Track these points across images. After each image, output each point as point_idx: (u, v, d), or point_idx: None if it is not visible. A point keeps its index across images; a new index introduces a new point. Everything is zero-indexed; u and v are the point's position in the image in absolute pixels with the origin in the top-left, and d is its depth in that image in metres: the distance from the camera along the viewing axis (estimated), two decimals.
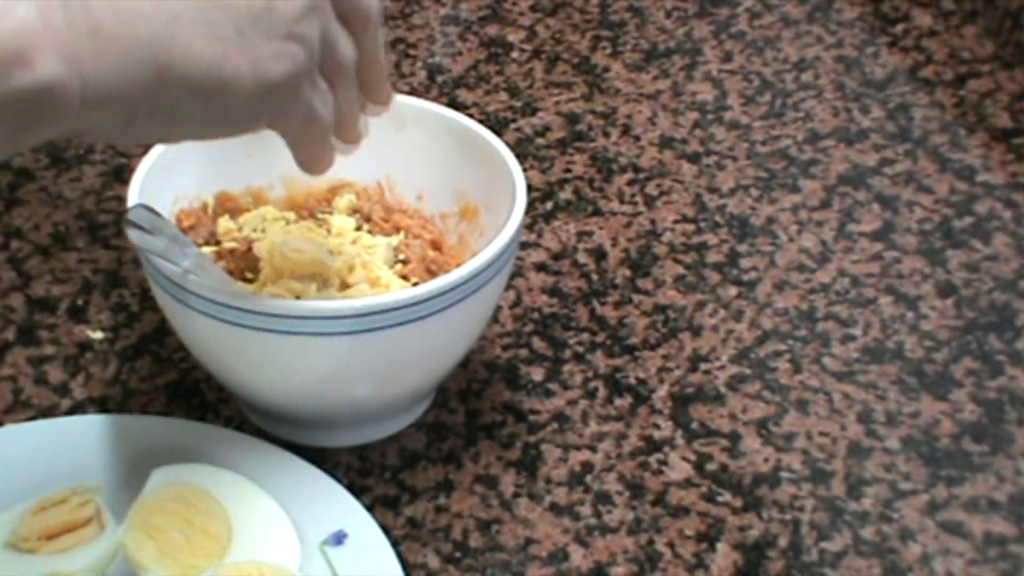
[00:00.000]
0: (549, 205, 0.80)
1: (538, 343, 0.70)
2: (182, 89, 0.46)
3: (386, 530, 0.58)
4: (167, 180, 0.63)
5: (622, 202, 0.80)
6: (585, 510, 0.62)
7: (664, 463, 0.64)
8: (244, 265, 0.64)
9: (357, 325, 0.56)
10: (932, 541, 0.61)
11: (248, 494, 0.58)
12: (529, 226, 0.78)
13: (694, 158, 0.83)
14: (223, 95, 0.47)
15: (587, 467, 0.64)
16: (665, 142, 0.85)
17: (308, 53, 0.50)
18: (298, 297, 0.62)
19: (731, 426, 0.66)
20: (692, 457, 0.64)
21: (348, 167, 0.69)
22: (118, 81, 0.44)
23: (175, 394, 0.67)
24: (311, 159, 0.56)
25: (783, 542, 0.61)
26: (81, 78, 0.43)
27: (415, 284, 0.64)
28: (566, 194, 0.81)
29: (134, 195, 0.60)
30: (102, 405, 0.66)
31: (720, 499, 0.62)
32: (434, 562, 0.59)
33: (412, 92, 0.87)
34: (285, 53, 0.49)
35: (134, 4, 0.44)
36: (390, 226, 0.68)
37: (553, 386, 0.68)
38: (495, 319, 0.71)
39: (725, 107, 0.88)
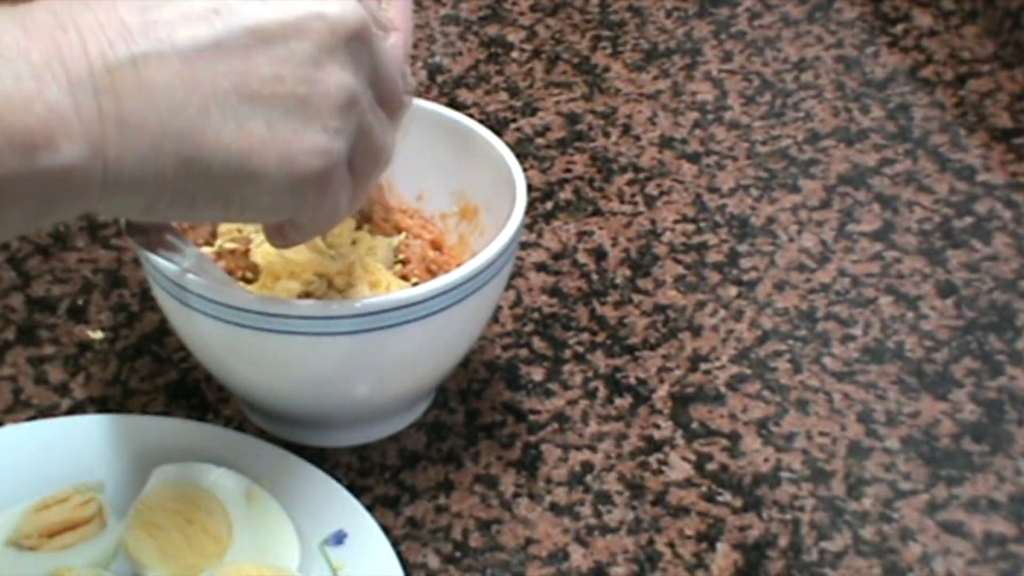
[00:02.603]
0: (549, 205, 0.80)
1: (538, 343, 0.70)
2: (206, 180, 0.45)
3: (386, 530, 0.58)
4: None
5: (622, 202, 0.80)
6: (585, 510, 0.62)
7: (664, 463, 0.64)
8: (244, 265, 0.64)
9: (357, 325, 0.56)
10: (932, 541, 0.61)
11: (248, 494, 0.58)
12: (529, 226, 0.78)
13: (694, 158, 0.83)
14: (248, 187, 0.47)
15: (587, 467, 0.64)
16: (665, 142, 0.85)
17: (341, 149, 0.48)
18: (298, 297, 0.62)
19: (731, 426, 0.66)
20: (692, 457, 0.64)
21: None
22: (142, 169, 0.44)
23: (175, 394, 0.67)
24: (295, 242, 0.54)
25: (783, 542, 0.61)
26: (104, 165, 0.43)
27: (415, 284, 0.64)
28: (566, 194, 0.81)
29: None
30: (102, 405, 0.66)
31: (720, 499, 0.62)
32: (434, 562, 0.59)
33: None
34: (317, 149, 0.47)
35: (165, 94, 0.44)
36: (390, 226, 0.68)
37: (553, 386, 0.68)
38: (495, 319, 0.71)
39: (725, 107, 0.88)
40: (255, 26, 0.46)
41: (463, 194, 0.67)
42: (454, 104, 0.86)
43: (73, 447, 0.61)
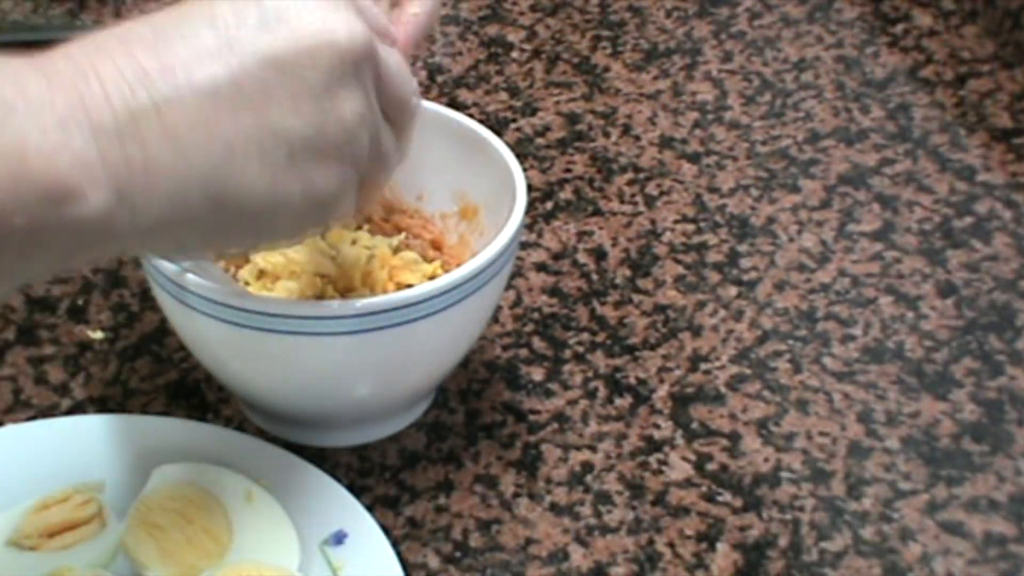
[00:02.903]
0: (549, 205, 0.80)
1: (538, 343, 0.70)
2: (235, 217, 0.46)
3: (386, 530, 0.58)
4: None
5: (622, 202, 0.80)
6: (585, 510, 0.62)
7: (664, 463, 0.64)
8: (244, 265, 0.64)
9: (357, 325, 0.56)
10: (932, 541, 0.61)
11: (248, 494, 0.58)
12: (529, 226, 0.78)
13: (694, 158, 0.83)
14: (274, 218, 0.48)
15: (587, 467, 0.64)
16: (665, 142, 0.85)
17: (356, 167, 0.50)
18: (298, 297, 0.62)
19: (731, 426, 0.66)
20: (692, 457, 0.64)
21: None
22: (170, 213, 0.44)
23: (175, 394, 0.67)
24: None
25: (783, 542, 0.61)
26: (132, 211, 0.43)
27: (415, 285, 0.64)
28: (566, 194, 0.81)
29: None
30: (102, 405, 0.66)
31: (720, 499, 0.62)
32: (434, 562, 0.59)
33: None
34: (335, 173, 0.48)
35: (189, 138, 0.44)
36: (390, 226, 0.68)
37: (553, 386, 0.68)
38: (495, 319, 0.71)
39: (725, 107, 0.88)
40: (269, 58, 0.46)
41: (463, 194, 0.67)
42: (454, 104, 0.86)
43: (73, 447, 0.61)
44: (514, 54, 0.93)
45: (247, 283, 0.63)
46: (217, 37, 0.46)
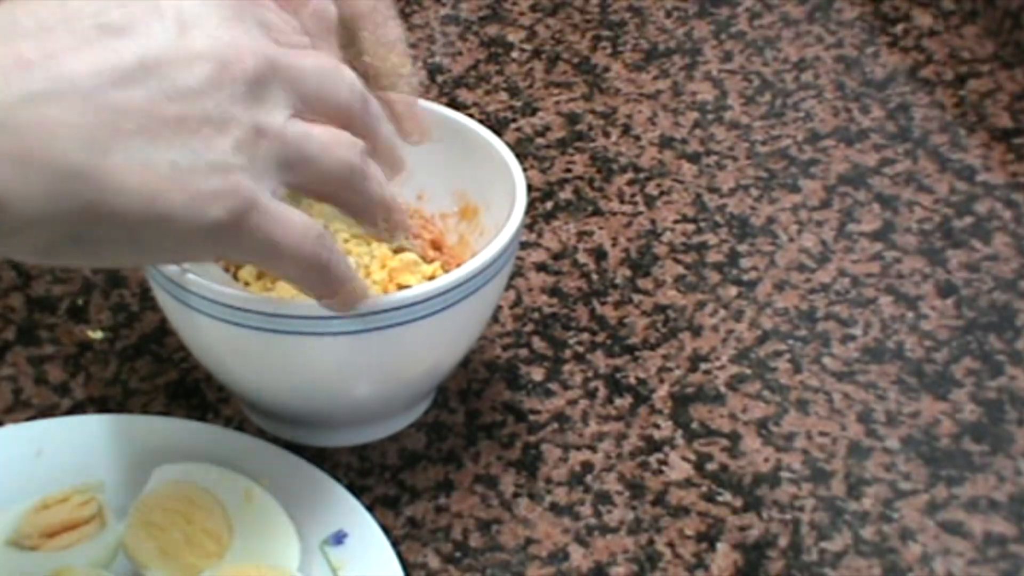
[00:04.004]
0: (549, 205, 0.80)
1: (538, 343, 0.70)
2: (109, 222, 0.44)
3: (386, 530, 0.58)
4: None
5: (622, 202, 0.80)
6: (585, 510, 0.62)
7: (664, 463, 0.64)
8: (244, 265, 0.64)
9: (357, 325, 0.56)
10: (932, 541, 0.61)
11: (248, 494, 0.58)
12: (529, 226, 0.78)
13: (694, 158, 0.83)
14: (154, 230, 0.45)
15: (587, 467, 0.64)
16: (665, 142, 0.85)
17: (249, 187, 0.46)
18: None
19: (731, 426, 0.66)
20: (692, 457, 0.64)
21: None
22: (41, 210, 0.42)
23: (175, 394, 0.67)
24: (333, 294, 0.53)
25: (783, 542, 0.61)
26: (2, 205, 0.41)
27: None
28: (566, 194, 0.81)
29: None
30: (102, 405, 0.66)
31: (720, 499, 0.62)
32: (434, 562, 0.59)
33: None
34: (224, 190, 0.45)
35: (65, 133, 0.42)
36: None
37: (553, 386, 0.68)
38: (495, 319, 0.71)
39: (725, 107, 0.88)
40: (156, 61, 0.44)
41: (463, 194, 0.67)
42: (454, 104, 0.86)
43: (73, 447, 0.61)
44: (514, 54, 0.93)
45: (247, 283, 0.63)
46: (100, 24, 0.44)
